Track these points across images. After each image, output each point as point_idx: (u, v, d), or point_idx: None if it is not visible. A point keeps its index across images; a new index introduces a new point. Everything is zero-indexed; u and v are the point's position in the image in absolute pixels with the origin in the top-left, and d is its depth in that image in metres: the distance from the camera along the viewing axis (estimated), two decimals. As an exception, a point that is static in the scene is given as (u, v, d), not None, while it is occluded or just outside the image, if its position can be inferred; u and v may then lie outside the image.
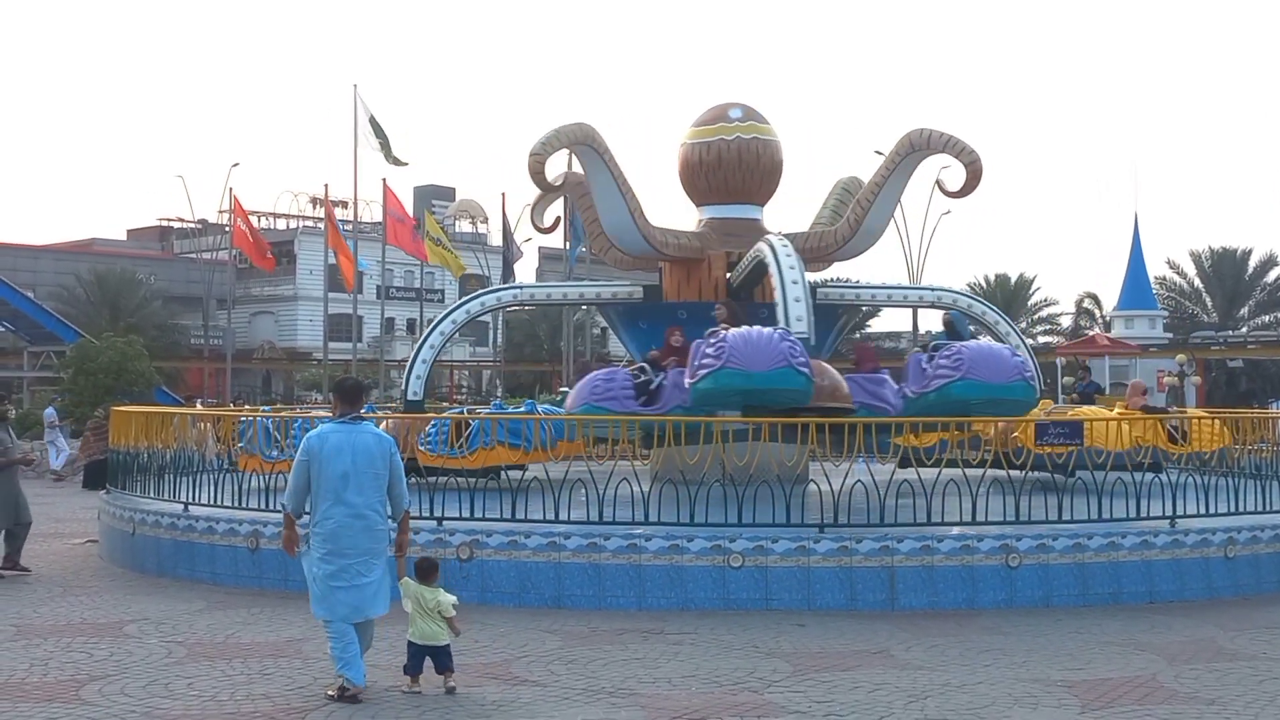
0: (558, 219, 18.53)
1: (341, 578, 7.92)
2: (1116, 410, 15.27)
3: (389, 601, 8.18)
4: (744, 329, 12.73)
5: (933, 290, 18.40)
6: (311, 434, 8.19)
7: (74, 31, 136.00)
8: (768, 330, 12.61)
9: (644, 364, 14.15)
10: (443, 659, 8.11)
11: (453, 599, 8.28)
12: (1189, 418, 14.49)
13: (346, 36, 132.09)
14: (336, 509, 7.93)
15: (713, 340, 12.63)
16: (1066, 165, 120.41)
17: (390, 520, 8.25)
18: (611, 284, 17.86)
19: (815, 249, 16.38)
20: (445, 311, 16.78)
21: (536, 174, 14.65)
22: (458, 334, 17.59)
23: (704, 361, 12.45)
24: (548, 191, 16.12)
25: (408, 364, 16.50)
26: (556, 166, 15.42)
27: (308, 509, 8.10)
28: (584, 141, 14.83)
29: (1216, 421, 14.39)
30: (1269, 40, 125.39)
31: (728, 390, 12.37)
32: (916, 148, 15.37)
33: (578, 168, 16.96)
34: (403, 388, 16.51)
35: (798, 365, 12.21)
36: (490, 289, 17.72)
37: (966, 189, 15.32)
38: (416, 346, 16.52)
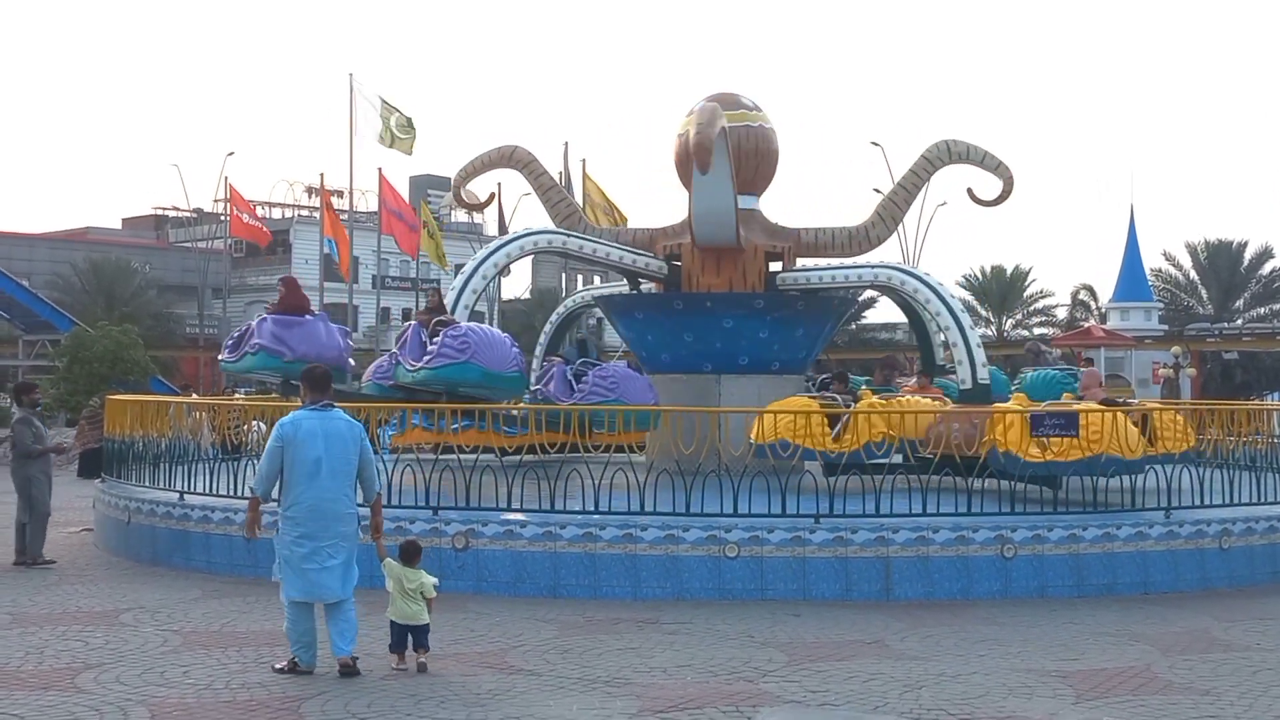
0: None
1: (314, 559, 8.16)
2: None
3: (354, 584, 8.34)
4: (478, 327, 14.14)
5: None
6: (285, 420, 8.40)
7: (69, 20, 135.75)
8: (499, 333, 14.22)
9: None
10: (421, 637, 8.35)
11: (434, 580, 8.53)
12: (1150, 410, 13.36)
13: (342, 25, 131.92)
14: (310, 493, 8.17)
15: (453, 333, 13.47)
16: (1062, 157, 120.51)
17: (362, 505, 8.51)
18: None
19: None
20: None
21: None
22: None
23: (446, 351, 13.32)
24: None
25: (456, 290, 15.14)
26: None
27: (275, 494, 8.37)
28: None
29: (1180, 417, 13.38)
30: (1265, 33, 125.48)
31: (464, 381, 13.44)
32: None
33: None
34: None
35: (524, 369, 14.28)
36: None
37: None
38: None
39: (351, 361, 15.04)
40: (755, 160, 16.22)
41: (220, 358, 14.89)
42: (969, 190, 16.78)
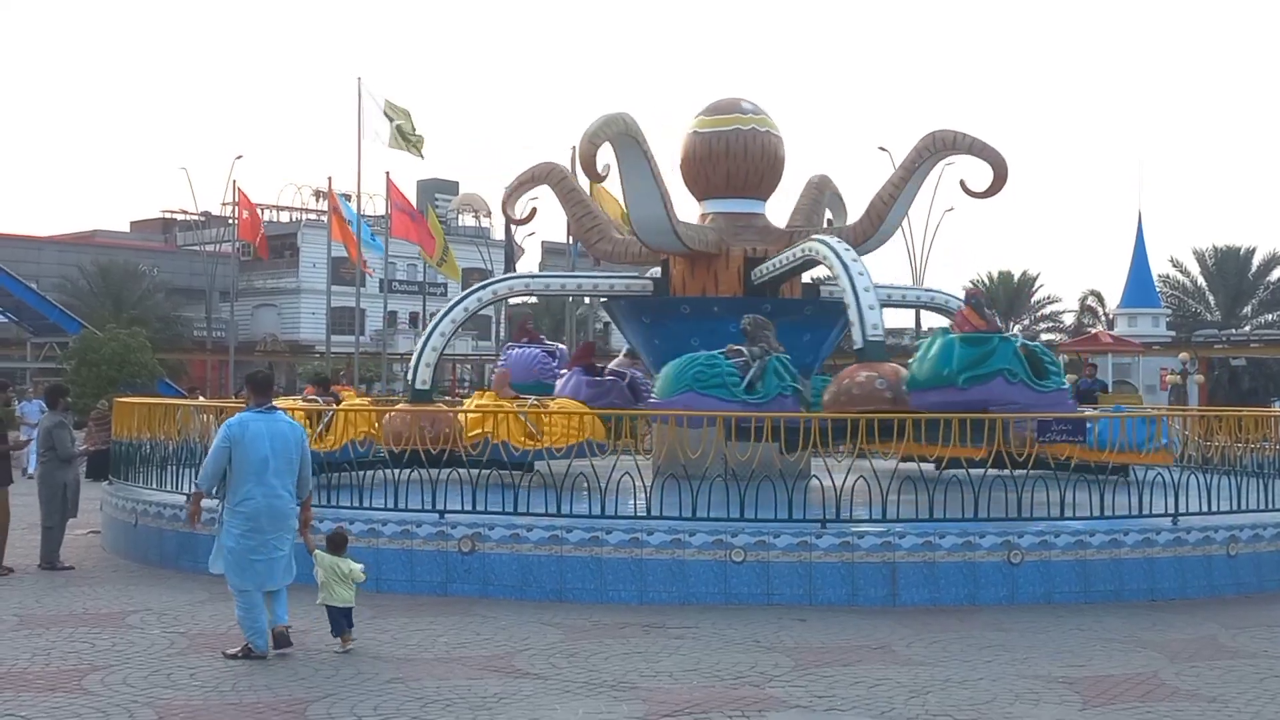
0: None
1: (260, 551, 8.76)
2: None
3: (294, 572, 8.99)
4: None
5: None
6: (232, 422, 8.99)
7: (78, 23, 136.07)
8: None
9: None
10: (347, 618, 9.04)
11: (360, 566, 9.21)
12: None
13: (350, 29, 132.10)
14: (258, 490, 8.75)
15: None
16: (1070, 163, 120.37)
17: (295, 502, 9.08)
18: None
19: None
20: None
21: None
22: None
23: None
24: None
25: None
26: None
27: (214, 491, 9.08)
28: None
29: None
30: (1273, 39, 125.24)
31: None
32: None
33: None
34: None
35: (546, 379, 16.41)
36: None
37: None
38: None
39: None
40: (761, 165, 16.18)
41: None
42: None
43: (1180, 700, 7.85)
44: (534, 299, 66.37)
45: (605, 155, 14.51)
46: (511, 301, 42.56)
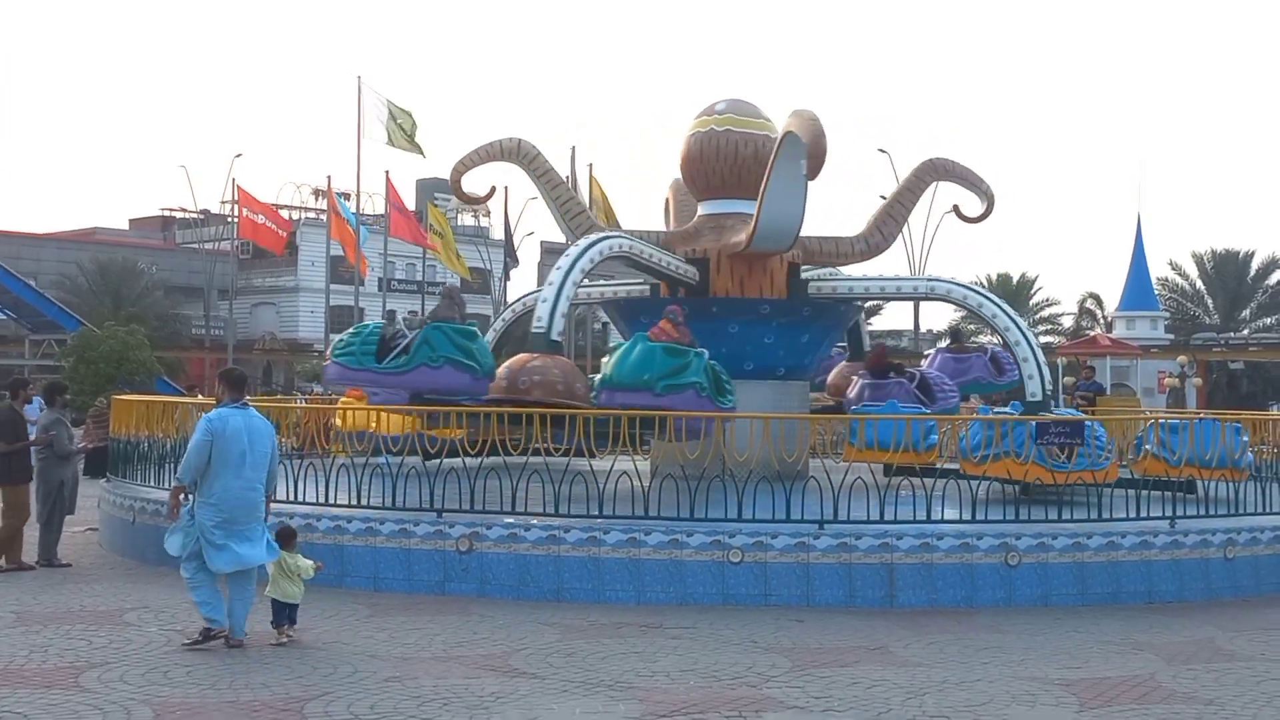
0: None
1: (234, 538, 9.06)
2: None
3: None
4: None
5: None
6: (212, 417, 9.30)
7: (77, 20, 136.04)
8: None
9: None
10: (292, 614, 9.31)
11: (309, 563, 9.48)
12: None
13: (350, 27, 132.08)
14: (235, 482, 9.09)
15: None
16: (1069, 165, 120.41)
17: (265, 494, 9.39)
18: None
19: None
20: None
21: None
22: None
23: None
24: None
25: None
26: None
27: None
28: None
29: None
30: (1273, 41, 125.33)
31: None
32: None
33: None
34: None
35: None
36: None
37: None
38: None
39: None
40: (755, 166, 16.20)
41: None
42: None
43: (1177, 703, 7.85)
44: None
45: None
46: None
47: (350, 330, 14.99)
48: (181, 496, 9.44)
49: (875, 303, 59.73)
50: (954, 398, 17.09)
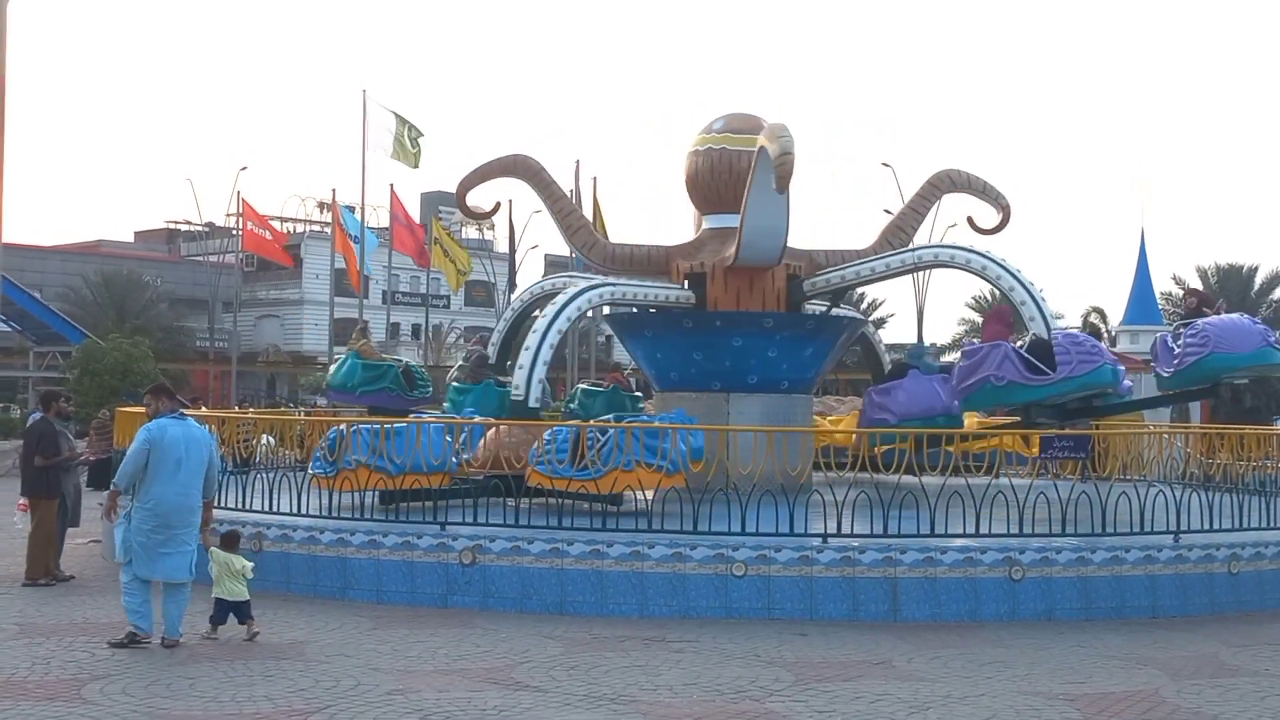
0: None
1: (168, 546, 9.43)
2: None
3: (202, 566, 9.72)
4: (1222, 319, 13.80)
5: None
6: (151, 426, 9.63)
7: (83, 33, 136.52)
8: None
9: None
10: (244, 611, 9.77)
11: (250, 564, 9.97)
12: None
13: (356, 42, 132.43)
14: (170, 489, 9.43)
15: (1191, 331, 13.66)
16: (1073, 180, 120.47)
17: (201, 501, 9.76)
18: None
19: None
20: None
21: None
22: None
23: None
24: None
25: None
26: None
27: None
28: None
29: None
30: (1276, 58, 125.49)
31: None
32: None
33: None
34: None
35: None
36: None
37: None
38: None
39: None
40: (732, 182, 16.22)
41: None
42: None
43: (1181, 718, 7.83)
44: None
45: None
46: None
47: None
48: (120, 500, 9.77)
49: (880, 316, 59.87)
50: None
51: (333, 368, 18.62)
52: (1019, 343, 14.04)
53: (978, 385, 13.65)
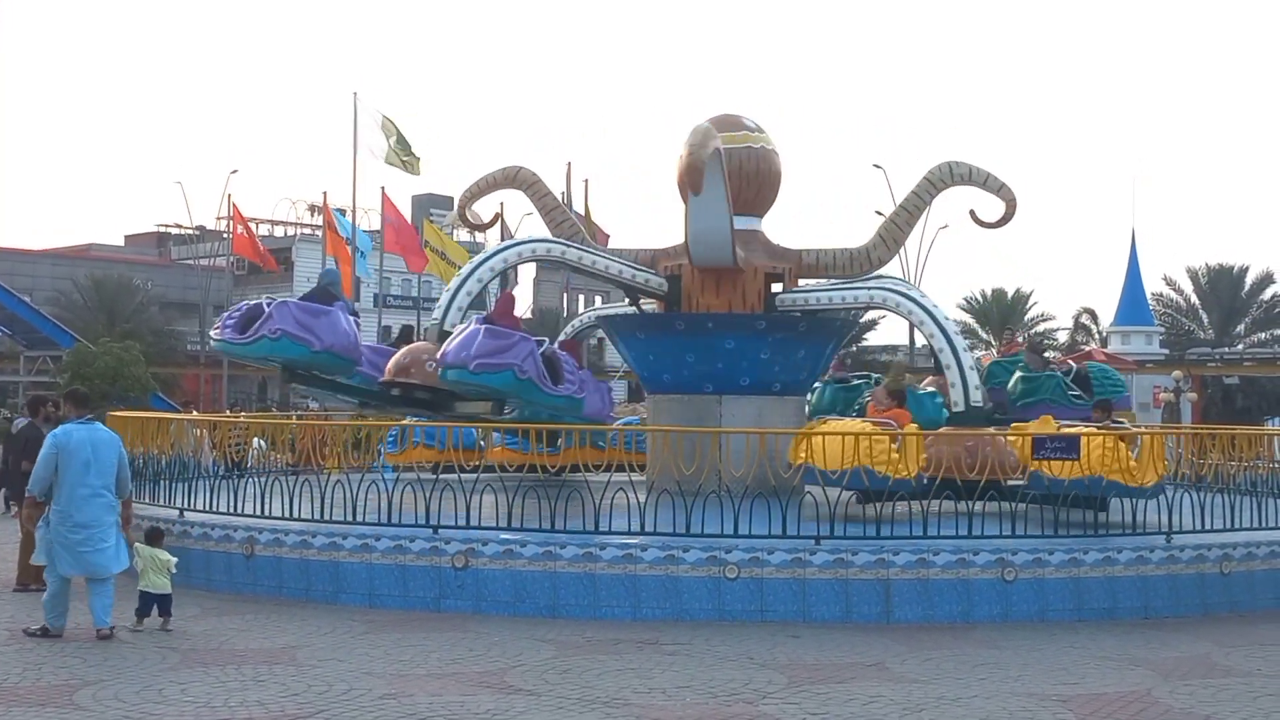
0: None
1: (88, 544, 9.90)
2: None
3: (124, 564, 10.14)
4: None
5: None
6: (57, 432, 10.23)
7: (73, 36, 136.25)
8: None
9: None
10: (166, 605, 10.31)
11: (174, 559, 10.57)
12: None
13: (346, 44, 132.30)
14: (80, 490, 9.91)
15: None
16: (1064, 180, 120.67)
17: (116, 500, 10.22)
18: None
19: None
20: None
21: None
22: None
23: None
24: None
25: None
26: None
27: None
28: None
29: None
30: (1268, 57, 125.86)
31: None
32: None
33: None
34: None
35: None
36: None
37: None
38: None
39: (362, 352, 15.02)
40: (757, 182, 16.23)
41: (218, 336, 14.35)
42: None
43: (1173, 719, 7.85)
44: (529, 315, 66.44)
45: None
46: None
47: None
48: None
49: (872, 317, 59.95)
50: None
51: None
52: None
53: (500, 368, 13.29)
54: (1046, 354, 17.99)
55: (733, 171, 15.98)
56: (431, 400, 14.72)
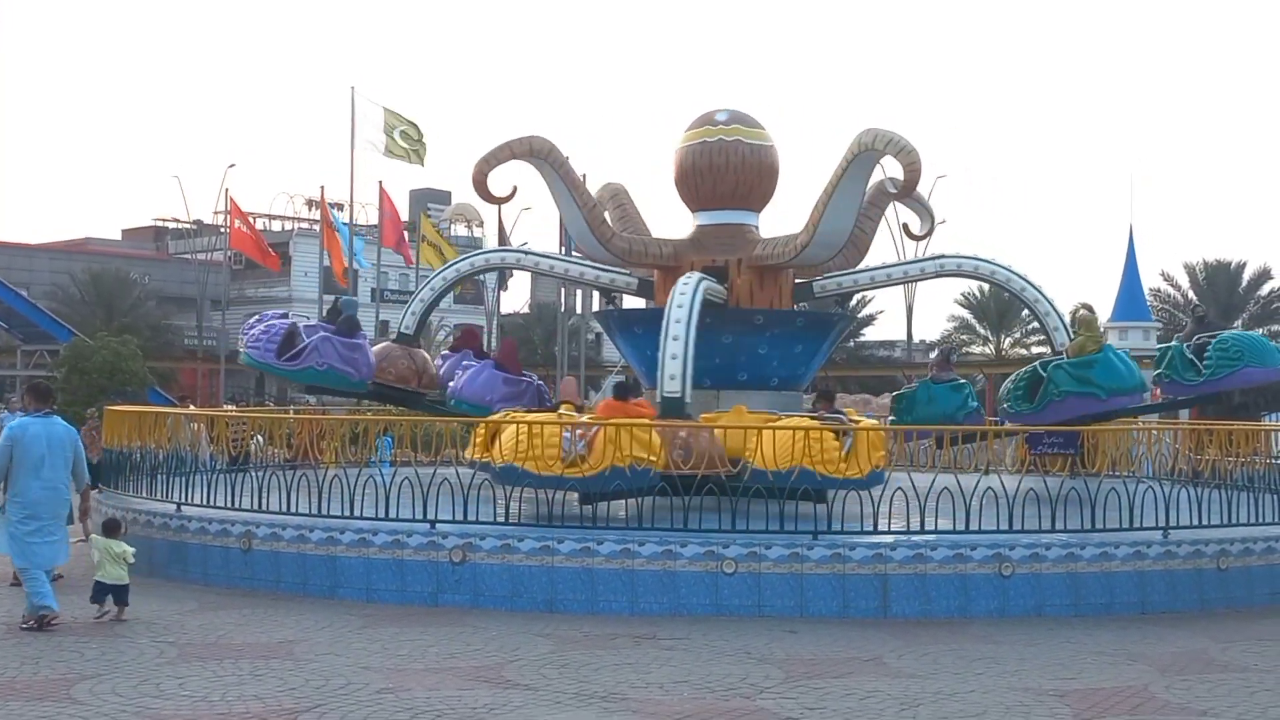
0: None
1: (39, 535, 10.15)
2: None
3: (69, 553, 10.53)
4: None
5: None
6: (14, 425, 10.49)
7: (70, 30, 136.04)
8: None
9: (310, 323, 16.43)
10: (122, 595, 10.47)
11: (132, 549, 10.76)
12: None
13: (344, 38, 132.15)
14: (35, 483, 10.11)
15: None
16: (1061, 176, 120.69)
17: (75, 492, 10.60)
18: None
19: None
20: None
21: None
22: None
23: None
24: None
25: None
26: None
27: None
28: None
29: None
30: (1265, 52, 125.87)
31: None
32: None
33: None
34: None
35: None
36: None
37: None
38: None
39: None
40: (749, 176, 16.17)
41: (257, 356, 15.40)
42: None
43: (1170, 713, 7.85)
44: (526, 310, 66.40)
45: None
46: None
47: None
48: None
49: (869, 313, 59.92)
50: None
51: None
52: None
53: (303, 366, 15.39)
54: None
55: (704, 166, 15.94)
56: (404, 399, 16.48)
